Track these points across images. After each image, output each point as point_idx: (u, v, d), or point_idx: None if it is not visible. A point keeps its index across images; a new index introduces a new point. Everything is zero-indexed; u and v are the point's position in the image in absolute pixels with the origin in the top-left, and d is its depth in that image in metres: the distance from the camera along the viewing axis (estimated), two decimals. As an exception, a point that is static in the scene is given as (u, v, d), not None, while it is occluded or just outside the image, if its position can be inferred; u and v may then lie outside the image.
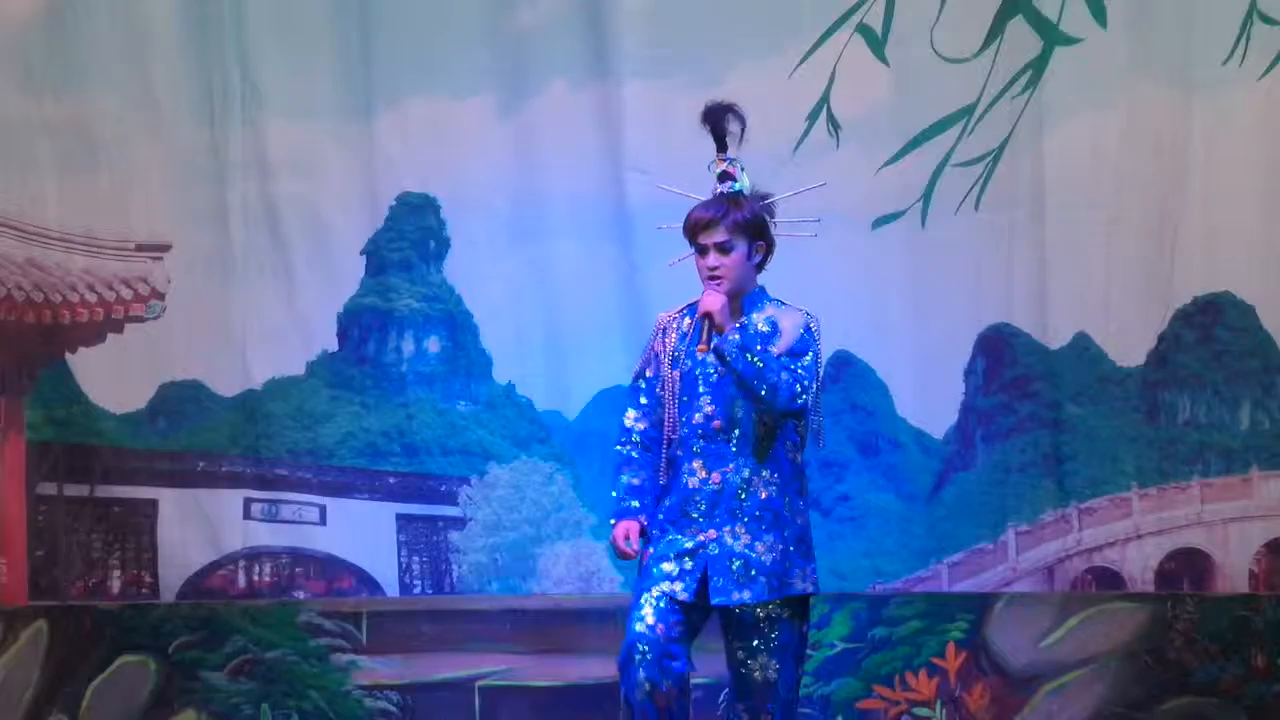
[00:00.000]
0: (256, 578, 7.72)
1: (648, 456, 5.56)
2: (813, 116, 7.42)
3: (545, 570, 7.62)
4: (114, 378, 7.73)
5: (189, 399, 7.72)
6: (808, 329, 5.46)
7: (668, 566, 5.41)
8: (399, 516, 7.73)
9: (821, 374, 5.52)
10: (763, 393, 5.31)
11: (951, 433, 7.50)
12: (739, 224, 5.44)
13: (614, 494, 5.58)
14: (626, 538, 5.50)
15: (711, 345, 5.31)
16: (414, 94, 7.59)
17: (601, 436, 7.08)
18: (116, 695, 7.64)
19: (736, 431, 5.42)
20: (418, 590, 7.69)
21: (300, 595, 7.70)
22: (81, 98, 7.68)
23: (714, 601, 5.38)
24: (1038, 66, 7.37)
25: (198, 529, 7.71)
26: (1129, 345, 7.41)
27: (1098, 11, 7.35)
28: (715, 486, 5.41)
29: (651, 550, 5.49)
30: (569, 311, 7.53)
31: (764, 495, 5.41)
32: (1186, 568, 7.40)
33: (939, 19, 7.38)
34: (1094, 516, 7.42)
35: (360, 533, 7.74)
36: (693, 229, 5.47)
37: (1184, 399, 7.42)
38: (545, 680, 7.52)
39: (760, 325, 5.47)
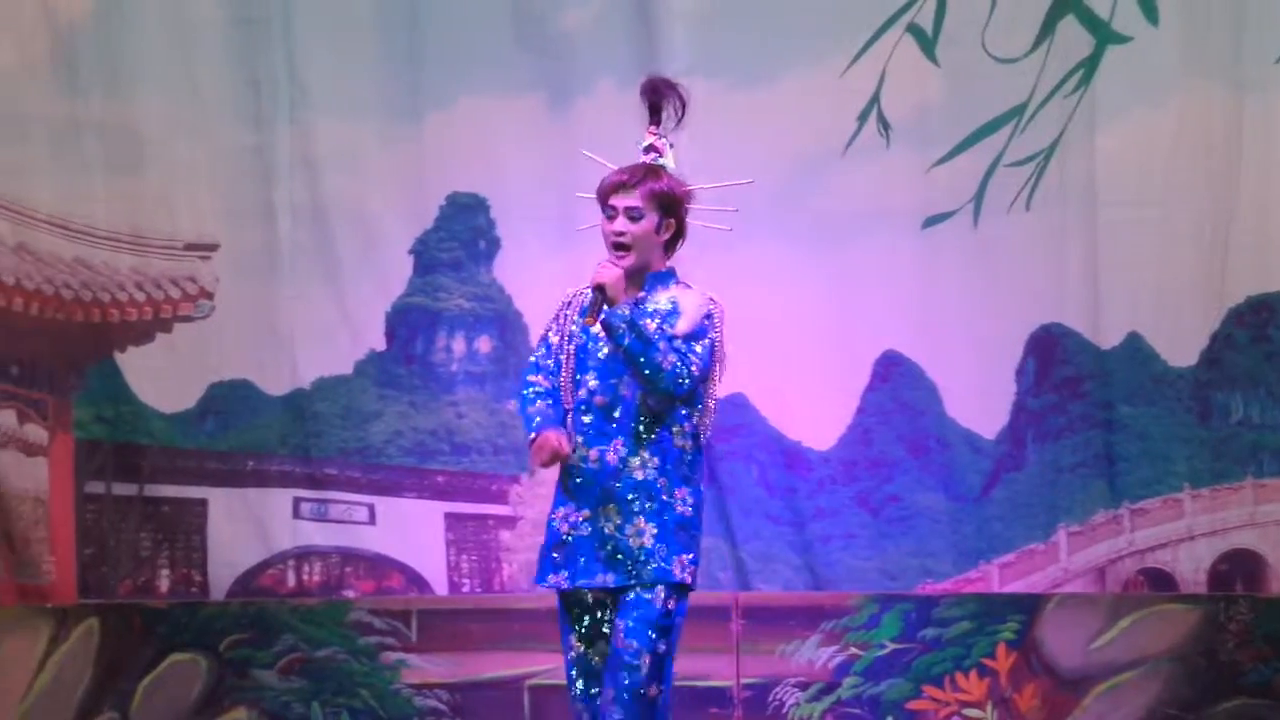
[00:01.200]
0: (306, 576, 7.73)
1: (555, 394, 5.24)
2: (863, 117, 7.41)
3: (595, 569, 7.61)
4: (163, 377, 7.73)
5: (238, 398, 7.73)
6: (709, 315, 5.18)
7: (556, 556, 5.18)
8: (447, 515, 7.73)
9: (721, 365, 5.19)
10: (647, 372, 5.06)
11: (1003, 433, 7.49)
12: (654, 193, 5.16)
13: (526, 420, 5.24)
14: (556, 441, 5.13)
15: (600, 318, 5.08)
16: (462, 94, 7.58)
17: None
18: (167, 693, 7.63)
19: (619, 410, 5.17)
20: (466, 589, 7.70)
21: (349, 594, 7.70)
22: (129, 98, 7.68)
23: (578, 581, 5.14)
24: (1089, 65, 7.36)
25: (247, 528, 7.72)
26: (1181, 345, 7.39)
27: (1149, 10, 7.34)
28: (594, 465, 5.17)
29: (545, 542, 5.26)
30: (618, 310, 7.52)
31: (640, 477, 5.14)
32: (1239, 569, 7.39)
33: (990, 19, 7.37)
34: (1146, 517, 7.40)
35: (409, 532, 7.75)
36: (605, 191, 5.22)
37: (1236, 399, 7.40)
38: (594, 679, 7.50)
39: (662, 303, 5.19)
